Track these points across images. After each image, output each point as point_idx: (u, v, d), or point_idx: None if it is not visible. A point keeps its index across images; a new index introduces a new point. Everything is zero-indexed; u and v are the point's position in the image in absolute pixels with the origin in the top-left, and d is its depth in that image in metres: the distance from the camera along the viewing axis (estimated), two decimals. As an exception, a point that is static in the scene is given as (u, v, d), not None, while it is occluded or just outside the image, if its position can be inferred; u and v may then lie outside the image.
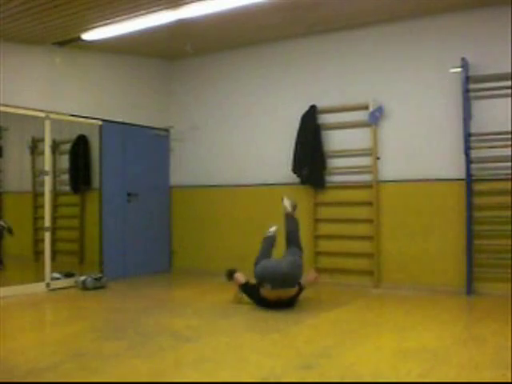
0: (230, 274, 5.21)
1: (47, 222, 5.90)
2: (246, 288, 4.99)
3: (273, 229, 5.41)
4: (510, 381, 2.83)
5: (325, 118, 6.33)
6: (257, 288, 4.82)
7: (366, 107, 6.00)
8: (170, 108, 7.54)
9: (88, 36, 5.58)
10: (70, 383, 2.90)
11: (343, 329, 4.09)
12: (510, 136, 5.22)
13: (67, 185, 6.88)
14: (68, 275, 6.10)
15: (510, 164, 5.25)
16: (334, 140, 6.27)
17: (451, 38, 5.65)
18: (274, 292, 4.68)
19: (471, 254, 5.39)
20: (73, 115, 6.21)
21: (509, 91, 5.29)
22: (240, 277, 5.09)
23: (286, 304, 4.74)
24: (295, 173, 6.32)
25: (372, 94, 5.98)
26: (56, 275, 5.99)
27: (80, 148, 6.71)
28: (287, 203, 5.43)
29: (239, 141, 6.97)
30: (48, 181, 5.94)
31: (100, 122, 6.51)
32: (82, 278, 5.91)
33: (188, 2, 4.81)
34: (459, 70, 5.41)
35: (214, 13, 5.03)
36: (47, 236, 5.89)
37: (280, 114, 6.64)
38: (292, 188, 6.39)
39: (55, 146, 6.34)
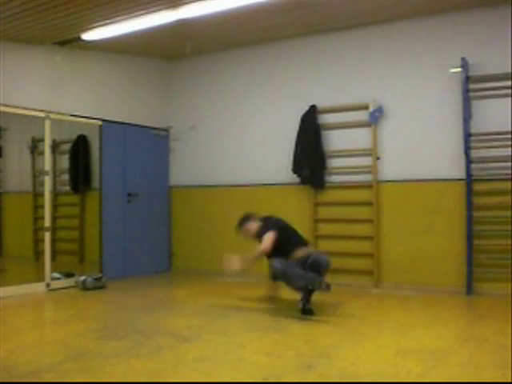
0: (246, 218, 5.06)
1: (47, 222, 5.90)
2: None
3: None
4: (509, 380, 2.83)
5: (325, 118, 6.33)
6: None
7: (366, 107, 5.99)
8: (169, 108, 7.54)
9: (88, 36, 5.58)
10: (70, 383, 2.90)
11: (343, 329, 4.08)
12: (510, 136, 5.22)
13: (67, 185, 6.87)
14: (68, 275, 6.10)
15: (510, 164, 5.25)
16: (334, 140, 6.27)
17: (451, 38, 5.65)
18: None
19: (471, 254, 5.38)
20: (73, 115, 6.20)
21: (509, 91, 5.29)
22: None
23: None
24: (295, 173, 6.31)
25: (372, 94, 5.98)
26: (56, 275, 5.98)
27: (80, 148, 6.70)
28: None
29: (239, 141, 6.97)
30: (48, 181, 5.94)
31: (100, 122, 6.51)
32: (82, 278, 5.91)
33: (188, 2, 4.81)
34: (459, 70, 5.41)
35: (213, 13, 5.04)
36: (47, 236, 5.89)
37: (280, 113, 6.63)
38: (292, 188, 6.41)
39: (55, 146, 6.33)
